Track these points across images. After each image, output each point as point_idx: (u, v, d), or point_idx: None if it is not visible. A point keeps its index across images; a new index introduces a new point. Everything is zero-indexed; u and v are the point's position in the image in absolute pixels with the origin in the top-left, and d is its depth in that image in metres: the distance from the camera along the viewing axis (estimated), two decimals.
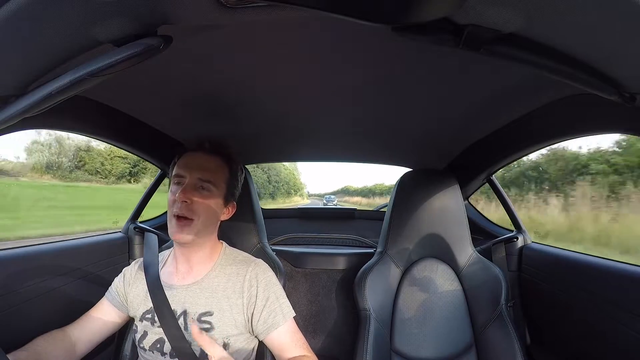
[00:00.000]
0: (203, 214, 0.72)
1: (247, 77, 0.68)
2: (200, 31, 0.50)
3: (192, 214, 0.70)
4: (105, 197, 18.11)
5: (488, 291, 0.94)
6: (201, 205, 0.71)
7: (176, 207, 0.70)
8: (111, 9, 0.32)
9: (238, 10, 0.36)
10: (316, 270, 1.31)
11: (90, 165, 20.57)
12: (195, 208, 0.70)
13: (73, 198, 16.92)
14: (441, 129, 0.97)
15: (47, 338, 0.67)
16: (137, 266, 0.81)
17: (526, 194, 9.06)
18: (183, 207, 0.69)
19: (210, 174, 0.74)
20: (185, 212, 0.70)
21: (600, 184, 7.18)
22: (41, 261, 0.80)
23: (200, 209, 0.71)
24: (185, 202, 0.70)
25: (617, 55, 0.37)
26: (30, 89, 0.39)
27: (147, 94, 0.77)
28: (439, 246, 1.05)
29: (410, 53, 0.57)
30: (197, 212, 0.71)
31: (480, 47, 0.36)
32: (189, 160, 0.75)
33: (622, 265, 0.78)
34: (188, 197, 0.70)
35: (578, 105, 0.68)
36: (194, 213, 0.70)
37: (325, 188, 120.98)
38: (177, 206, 0.70)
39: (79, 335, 0.72)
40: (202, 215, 0.72)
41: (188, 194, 0.70)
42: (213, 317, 0.71)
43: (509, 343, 0.84)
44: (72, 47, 0.37)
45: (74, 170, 20.14)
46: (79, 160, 20.43)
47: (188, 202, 0.70)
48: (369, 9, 0.29)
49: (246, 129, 1.01)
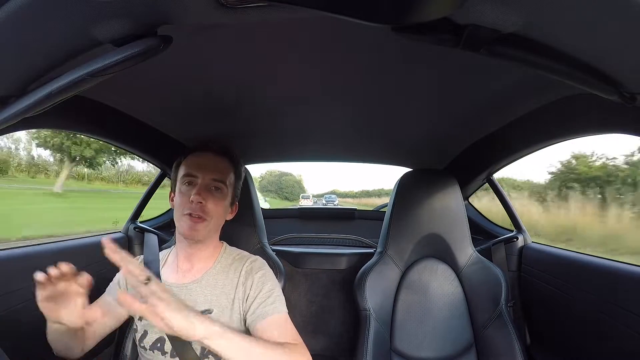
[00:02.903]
0: (215, 214, 0.73)
1: (247, 77, 0.68)
2: (200, 31, 0.50)
3: (205, 214, 0.71)
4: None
5: (488, 291, 0.94)
6: (214, 206, 0.73)
7: (189, 207, 0.71)
8: (111, 9, 0.32)
9: (238, 10, 0.35)
10: (316, 270, 1.31)
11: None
12: (208, 209, 0.72)
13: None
14: (441, 129, 0.97)
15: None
16: (138, 262, 0.81)
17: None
18: (198, 207, 0.70)
19: (222, 176, 0.75)
20: (200, 213, 0.71)
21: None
22: (41, 261, 0.80)
23: (213, 210, 0.72)
24: (201, 203, 0.71)
25: (617, 55, 0.37)
26: (30, 89, 0.39)
27: (147, 94, 0.77)
28: (439, 246, 1.05)
29: (410, 53, 0.57)
30: (210, 213, 0.72)
31: (480, 47, 0.36)
32: (200, 160, 0.76)
33: (622, 265, 0.78)
34: (203, 197, 0.71)
35: (578, 105, 0.68)
36: (207, 214, 0.72)
37: (321, 189, 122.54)
38: (191, 207, 0.71)
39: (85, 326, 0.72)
40: (215, 216, 0.73)
41: (203, 195, 0.71)
42: (212, 315, 0.71)
43: (509, 343, 0.84)
44: (72, 47, 0.37)
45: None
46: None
47: (202, 202, 0.71)
48: (369, 9, 0.29)
49: (246, 128, 1.01)
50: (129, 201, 0.82)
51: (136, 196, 1.33)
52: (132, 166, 22.16)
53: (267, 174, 65.63)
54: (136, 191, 18.18)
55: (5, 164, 15.98)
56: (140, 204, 1.20)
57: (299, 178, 68.69)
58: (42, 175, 17.67)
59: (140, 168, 23.37)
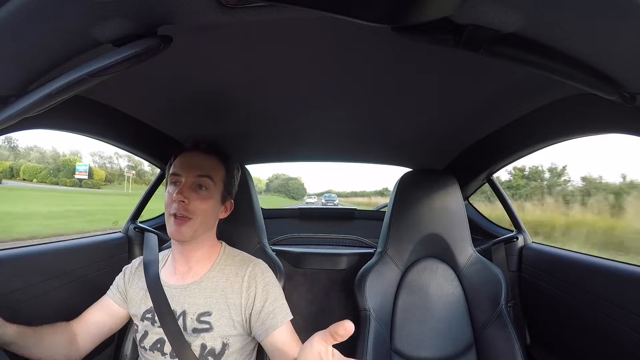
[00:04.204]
0: (201, 213, 0.72)
1: (246, 77, 0.68)
2: (200, 31, 0.50)
3: (189, 213, 0.70)
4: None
5: (488, 291, 0.94)
6: (198, 204, 0.71)
7: (173, 207, 0.70)
8: (111, 9, 0.32)
9: (238, 10, 0.35)
10: (316, 271, 1.31)
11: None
12: (192, 208, 0.70)
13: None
14: (441, 129, 0.97)
15: (52, 327, 0.70)
16: (138, 264, 0.81)
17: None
18: (180, 207, 0.69)
19: (207, 173, 0.74)
20: (183, 212, 0.70)
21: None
22: (41, 261, 0.80)
23: (197, 209, 0.71)
24: (183, 202, 0.70)
25: (617, 55, 0.37)
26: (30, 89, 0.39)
27: (147, 94, 0.77)
28: (439, 246, 1.05)
29: (410, 53, 0.57)
30: (194, 212, 0.71)
31: (480, 47, 0.36)
32: (185, 160, 0.75)
33: (622, 265, 0.78)
34: (185, 196, 0.70)
35: (578, 105, 0.68)
36: (191, 212, 0.70)
37: (317, 189, 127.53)
38: (175, 206, 0.70)
39: (81, 330, 0.73)
40: (200, 215, 0.72)
41: (185, 194, 0.70)
42: (212, 317, 0.71)
43: (508, 343, 0.84)
44: (72, 47, 0.37)
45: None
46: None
47: (185, 202, 0.70)
48: (369, 9, 0.29)
49: (245, 128, 1.01)
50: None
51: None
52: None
53: (274, 177, 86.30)
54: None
55: (112, 176, 23.41)
56: (140, 204, 1.20)
57: (302, 182, 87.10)
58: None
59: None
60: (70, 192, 20.37)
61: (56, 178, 21.42)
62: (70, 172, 22.29)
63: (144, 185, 21.52)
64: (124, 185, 20.25)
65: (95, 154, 33.36)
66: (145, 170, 26.14)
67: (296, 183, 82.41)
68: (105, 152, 32.84)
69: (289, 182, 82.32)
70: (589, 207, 8.38)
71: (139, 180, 30.70)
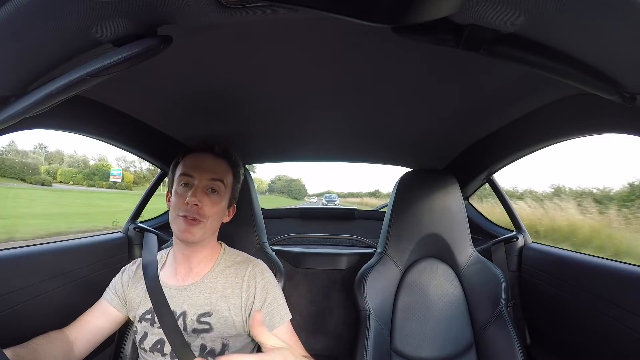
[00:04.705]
0: (212, 216, 0.72)
1: (246, 77, 0.68)
2: (200, 31, 0.50)
3: (201, 216, 0.70)
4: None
5: (488, 291, 0.94)
6: (210, 208, 0.71)
7: (183, 209, 0.69)
8: (111, 9, 0.32)
9: (238, 10, 0.35)
10: (316, 270, 1.31)
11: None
12: (204, 211, 0.70)
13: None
14: (441, 129, 0.97)
15: (45, 337, 0.67)
16: (136, 266, 0.81)
17: None
18: (193, 210, 0.69)
19: (220, 177, 0.74)
20: (196, 215, 0.69)
21: None
22: (41, 261, 0.80)
23: (209, 212, 0.71)
24: (197, 206, 0.69)
25: (617, 55, 0.37)
26: (30, 89, 0.39)
27: (147, 94, 0.77)
28: (439, 246, 1.05)
29: (410, 53, 0.57)
30: (206, 215, 0.71)
31: (480, 47, 0.36)
32: (198, 161, 0.74)
33: (622, 265, 0.78)
34: (199, 199, 0.69)
35: (578, 105, 0.68)
36: (203, 216, 0.70)
37: (317, 189, 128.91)
38: (186, 209, 0.69)
39: (77, 336, 0.72)
40: (211, 218, 0.72)
41: (199, 197, 0.70)
42: (212, 318, 0.71)
43: (508, 343, 0.84)
44: (72, 47, 0.37)
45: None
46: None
47: (199, 205, 0.69)
48: (369, 9, 0.29)
49: (246, 128, 1.01)
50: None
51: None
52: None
53: (277, 179, 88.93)
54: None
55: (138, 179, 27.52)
56: (140, 204, 1.20)
57: (303, 183, 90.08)
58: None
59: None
60: (115, 194, 21.76)
61: (92, 181, 23.18)
62: (105, 175, 24.29)
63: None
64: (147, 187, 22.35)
65: (119, 158, 34.86)
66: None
67: (298, 184, 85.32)
68: (128, 157, 33.22)
69: (291, 184, 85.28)
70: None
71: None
